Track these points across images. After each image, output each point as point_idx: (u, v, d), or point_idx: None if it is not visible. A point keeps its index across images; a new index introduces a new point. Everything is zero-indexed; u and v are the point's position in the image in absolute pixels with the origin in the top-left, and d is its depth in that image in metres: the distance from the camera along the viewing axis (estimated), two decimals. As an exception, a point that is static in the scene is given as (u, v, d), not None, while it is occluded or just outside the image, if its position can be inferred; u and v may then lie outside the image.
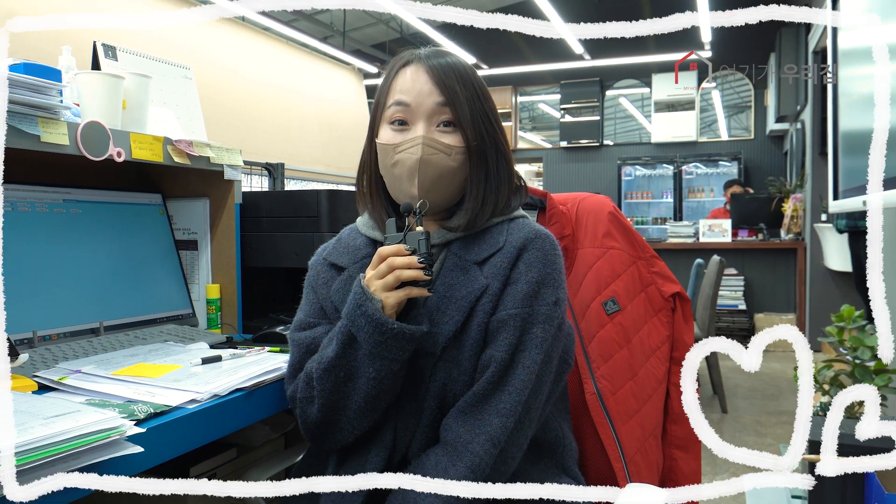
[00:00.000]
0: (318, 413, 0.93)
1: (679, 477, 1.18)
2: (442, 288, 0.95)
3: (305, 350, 1.00)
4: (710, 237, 5.82)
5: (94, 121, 1.14)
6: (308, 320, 1.03)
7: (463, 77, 0.99)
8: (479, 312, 0.93)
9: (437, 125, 0.97)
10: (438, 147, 0.96)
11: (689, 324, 1.21)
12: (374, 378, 0.89)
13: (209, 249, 1.53)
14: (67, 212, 1.29)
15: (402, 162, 0.97)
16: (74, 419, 0.76)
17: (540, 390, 0.93)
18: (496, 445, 0.87)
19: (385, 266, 0.90)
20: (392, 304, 0.89)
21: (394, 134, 0.98)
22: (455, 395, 0.92)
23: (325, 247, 1.10)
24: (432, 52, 1.01)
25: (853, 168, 1.82)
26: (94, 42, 1.47)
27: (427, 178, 0.96)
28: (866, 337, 1.24)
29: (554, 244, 0.99)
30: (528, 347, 0.92)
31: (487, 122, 0.99)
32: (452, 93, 0.97)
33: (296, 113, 4.97)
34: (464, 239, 0.99)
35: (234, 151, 1.48)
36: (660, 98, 8.26)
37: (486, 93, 1.02)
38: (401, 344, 0.88)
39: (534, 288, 0.94)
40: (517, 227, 1.00)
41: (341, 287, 1.01)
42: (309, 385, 0.95)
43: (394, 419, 0.94)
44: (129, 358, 1.13)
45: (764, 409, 3.83)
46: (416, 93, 0.97)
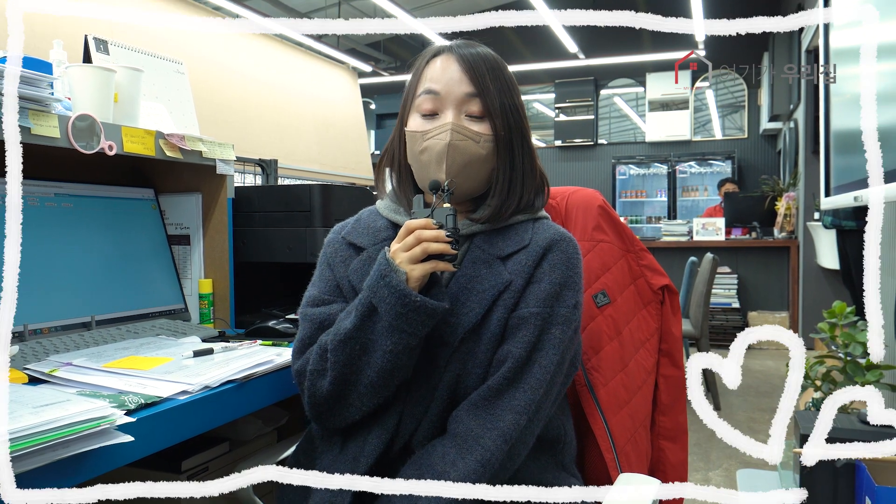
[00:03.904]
0: (329, 386, 0.92)
1: (667, 467, 1.18)
2: (464, 280, 0.96)
3: (318, 326, 0.99)
4: (704, 236, 5.84)
5: (85, 113, 1.14)
6: (322, 297, 1.03)
7: (493, 68, 1.00)
8: (500, 307, 0.94)
9: (466, 114, 0.99)
10: (467, 134, 0.97)
11: (678, 316, 1.22)
12: (390, 351, 0.89)
13: (201, 244, 1.53)
14: (59, 206, 1.29)
15: (431, 148, 0.98)
16: (64, 408, 0.76)
17: (551, 391, 0.94)
18: (507, 442, 0.87)
19: (412, 238, 0.90)
20: (417, 277, 0.89)
21: (423, 122, 1.00)
22: (466, 387, 0.93)
23: (342, 225, 1.10)
24: (463, 42, 1.02)
25: (844, 166, 1.83)
26: (86, 36, 1.47)
27: (455, 163, 0.97)
28: (858, 333, 1.25)
29: (577, 248, 1.00)
30: (546, 347, 0.92)
31: (516, 114, 1.01)
32: (482, 82, 0.98)
33: (290, 112, 4.96)
34: (488, 233, 1.00)
35: (226, 146, 1.48)
36: (654, 97, 8.29)
37: (515, 85, 1.03)
38: (421, 318, 0.88)
39: (556, 289, 0.95)
40: (542, 227, 1.01)
41: (360, 267, 1.01)
42: (322, 357, 0.94)
43: (401, 404, 0.94)
44: (120, 351, 1.14)
45: (757, 406, 3.84)
46: (447, 81, 0.98)
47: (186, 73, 1.70)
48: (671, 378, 1.21)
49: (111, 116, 1.26)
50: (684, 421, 1.21)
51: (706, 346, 3.80)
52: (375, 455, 0.91)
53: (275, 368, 1.09)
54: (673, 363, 1.21)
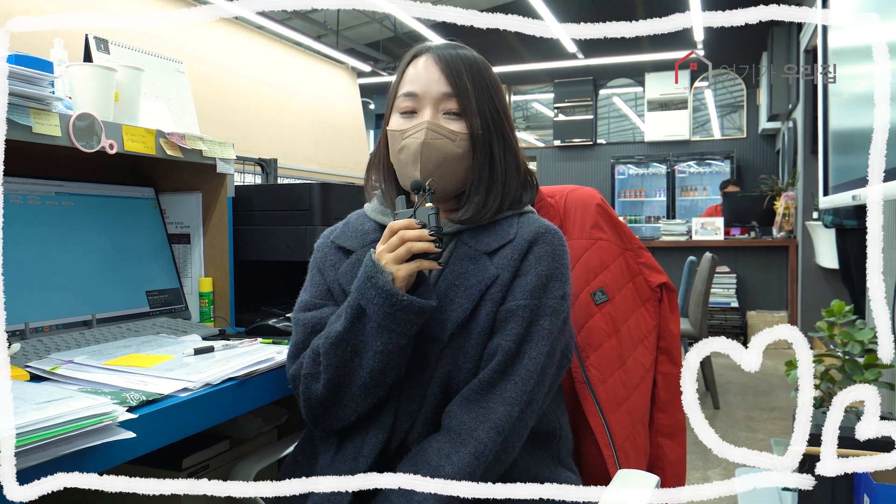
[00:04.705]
0: (323, 389, 0.93)
1: (665, 464, 1.19)
2: (452, 276, 0.97)
3: (311, 330, 1.00)
4: (703, 235, 5.85)
5: (86, 112, 1.15)
6: (314, 301, 1.04)
7: (472, 68, 1.01)
8: (489, 301, 0.95)
9: (443, 113, 1.00)
10: (442, 132, 0.98)
11: (676, 314, 1.22)
12: (381, 352, 0.90)
13: (202, 243, 1.53)
14: (60, 204, 1.29)
15: (408, 146, 0.99)
16: (66, 404, 0.76)
17: (543, 382, 0.94)
18: (500, 433, 0.88)
19: (396, 239, 0.91)
20: (403, 277, 0.91)
21: (402, 121, 1.01)
22: (459, 382, 0.93)
23: (331, 230, 1.11)
24: (444, 44, 1.04)
25: (843, 165, 1.84)
26: (87, 35, 1.47)
27: (430, 161, 0.98)
28: (856, 332, 1.25)
29: (562, 240, 1.01)
30: (535, 339, 0.93)
31: (495, 114, 1.01)
32: (459, 82, 0.99)
33: (290, 111, 4.97)
34: (474, 230, 1.01)
35: (226, 145, 1.49)
36: (653, 97, 8.30)
37: (497, 86, 1.04)
38: (410, 317, 0.89)
39: (543, 281, 0.95)
40: (527, 221, 1.02)
41: (349, 270, 1.02)
42: (315, 361, 0.95)
43: (395, 403, 0.95)
44: (121, 349, 1.14)
45: (756, 405, 3.85)
46: (425, 81, 1.00)
47: (186, 72, 1.71)
48: (669, 375, 1.21)
49: (112, 115, 1.26)
50: (682, 418, 1.21)
51: (705, 346, 3.80)
52: (374, 454, 0.92)
53: (275, 366, 1.09)
54: (671, 360, 1.22)
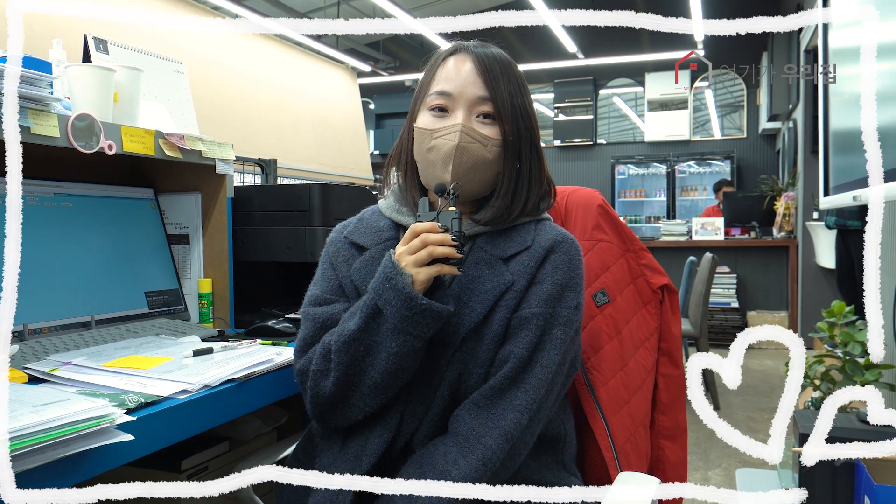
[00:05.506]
0: (333, 387, 0.92)
1: (666, 466, 1.19)
2: (467, 280, 0.96)
3: (320, 326, 0.99)
4: (703, 235, 5.84)
5: (85, 113, 1.14)
6: (325, 296, 1.03)
7: (506, 70, 1.00)
8: (503, 307, 0.94)
9: (476, 115, 0.99)
10: (476, 137, 0.97)
11: (677, 315, 1.22)
12: (395, 353, 0.89)
13: (201, 244, 1.53)
14: (58, 205, 1.29)
15: (438, 147, 0.98)
16: (64, 407, 0.76)
17: (552, 391, 0.94)
18: (508, 441, 0.88)
19: (418, 241, 0.90)
20: (422, 280, 0.90)
21: (433, 119, 1.00)
22: (468, 387, 0.93)
23: (345, 224, 1.10)
24: (479, 43, 1.03)
25: (843, 165, 1.83)
26: (85, 35, 1.46)
27: (461, 165, 0.97)
28: (856, 332, 1.25)
29: (579, 249, 1.01)
30: (548, 347, 0.93)
31: (526, 118, 1.01)
32: (495, 85, 0.98)
33: (290, 111, 4.96)
34: (491, 234, 1.00)
35: (225, 145, 1.48)
36: (653, 97, 8.30)
37: (527, 88, 1.03)
38: (427, 321, 0.88)
39: (558, 290, 0.95)
40: (544, 228, 1.02)
41: (362, 267, 1.01)
42: (326, 358, 0.94)
43: (403, 404, 0.94)
44: (120, 350, 1.14)
45: (756, 406, 3.85)
46: (461, 82, 0.99)
47: (186, 72, 1.70)
48: (671, 377, 1.21)
49: (111, 116, 1.26)
50: (684, 420, 1.21)
51: (705, 346, 3.80)
52: (377, 454, 0.92)
53: (274, 368, 1.09)
54: (672, 362, 1.21)
